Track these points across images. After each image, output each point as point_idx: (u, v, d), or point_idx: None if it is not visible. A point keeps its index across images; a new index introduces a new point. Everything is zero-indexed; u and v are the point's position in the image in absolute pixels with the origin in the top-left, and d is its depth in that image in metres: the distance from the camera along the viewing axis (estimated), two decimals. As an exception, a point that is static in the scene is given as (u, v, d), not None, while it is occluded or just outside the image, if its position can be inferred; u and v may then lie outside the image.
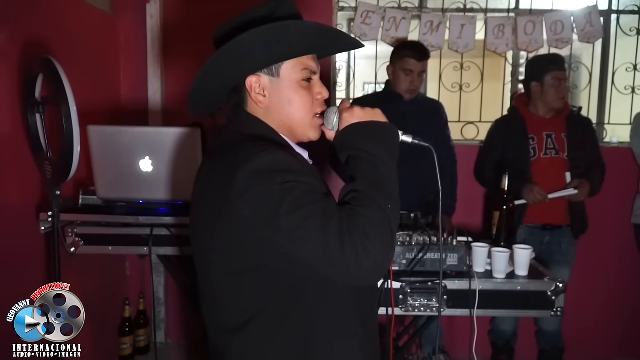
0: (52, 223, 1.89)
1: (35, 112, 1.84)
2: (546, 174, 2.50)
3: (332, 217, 0.88)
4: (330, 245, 0.86)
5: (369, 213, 0.90)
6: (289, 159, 0.96)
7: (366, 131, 1.02)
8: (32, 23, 2.10)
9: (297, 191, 0.90)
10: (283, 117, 1.06)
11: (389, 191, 0.96)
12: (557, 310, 1.78)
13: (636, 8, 3.07)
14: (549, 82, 2.48)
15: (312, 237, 0.87)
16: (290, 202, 0.88)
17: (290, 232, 0.88)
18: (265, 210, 0.89)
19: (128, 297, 2.83)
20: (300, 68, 1.05)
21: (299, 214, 0.88)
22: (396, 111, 2.58)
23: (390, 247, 0.91)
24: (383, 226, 0.90)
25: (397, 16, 2.94)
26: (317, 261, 0.89)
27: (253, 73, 1.04)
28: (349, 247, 0.86)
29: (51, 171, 1.85)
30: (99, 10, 2.72)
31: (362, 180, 0.95)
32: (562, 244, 2.57)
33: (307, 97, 1.06)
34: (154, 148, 1.98)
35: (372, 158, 0.97)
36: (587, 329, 2.99)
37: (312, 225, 0.88)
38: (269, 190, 0.90)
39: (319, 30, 1.04)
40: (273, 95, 1.05)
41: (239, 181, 0.91)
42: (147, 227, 2.06)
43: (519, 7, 3.05)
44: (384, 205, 0.92)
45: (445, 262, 1.80)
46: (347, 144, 1.02)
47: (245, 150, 0.95)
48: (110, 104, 2.85)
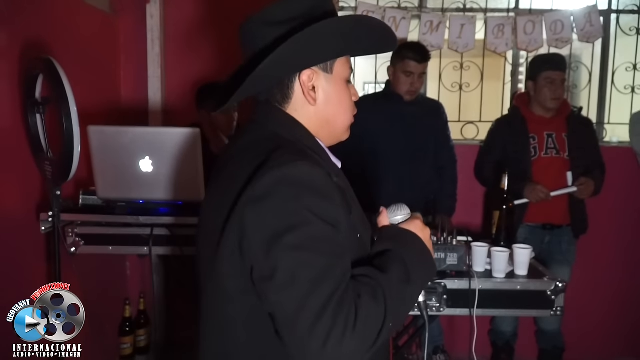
0: (53, 223, 1.90)
1: (35, 112, 1.84)
2: (547, 173, 2.50)
3: (329, 281, 0.78)
4: (306, 311, 0.75)
5: (371, 309, 0.79)
6: (326, 179, 0.86)
7: (422, 251, 0.95)
8: (32, 23, 2.10)
9: (313, 229, 0.80)
10: (329, 117, 0.99)
11: (400, 309, 0.86)
12: (557, 309, 1.79)
13: (636, 8, 3.07)
14: (542, 81, 2.49)
15: (294, 289, 0.77)
16: (300, 236, 0.79)
17: (278, 269, 0.78)
18: (270, 230, 0.80)
19: (128, 297, 2.83)
20: (348, 65, 1.01)
21: (299, 256, 0.78)
22: (396, 111, 2.61)
23: (363, 355, 0.78)
24: (374, 329, 0.79)
25: (397, 16, 2.94)
26: (282, 318, 0.79)
27: (310, 67, 0.96)
28: (324, 324, 0.74)
29: (51, 171, 1.85)
30: (99, 10, 2.72)
31: (387, 278, 0.85)
32: (562, 244, 2.57)
33: (350, 98, 1.02)
34: (154, 148, 1.98)
35: (412, 274, 0.88)
36: (587, 328, 2.99)
37: (303, 277, 0.77)
38: (288, 208, 0.81)
39: (383, 29, 1.00)
40: (323, 92, 0.98)
41: (262, 184, 0.83)
42: (147, 227, 2.06)
43: (518, 7, 3.05)
44: (389, 315, 0.81)
45: (445, 262, 1.81)
46: (401, 244, 0.93)
47: (282, 154, 0.87)
48: (110, 104, 2.85)
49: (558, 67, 2.50)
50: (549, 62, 2.53)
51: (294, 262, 0.78)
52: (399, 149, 2.53)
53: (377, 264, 0.89)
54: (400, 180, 2.52)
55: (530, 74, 2.58)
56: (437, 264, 1.79)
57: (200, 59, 2.92)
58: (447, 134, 2.70)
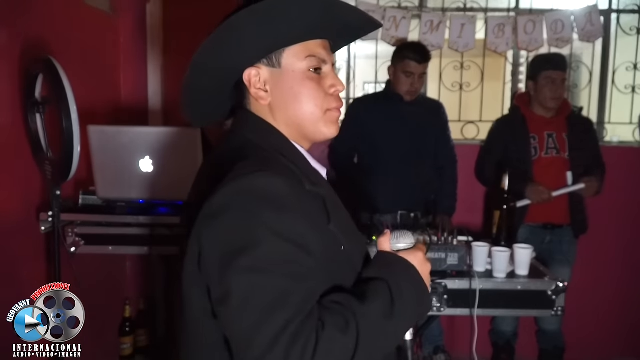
0: (52, 223, 1.89)
1: (35, 112, 1.83)
2: (547, 173, 2.49)
3: (285, 308, 0.70)
4: (257, 341, 0.69)
5: (336, 343, 0.71)
6: (290, 189, 0.79)
7: (416, 285, 0.85)
8: (32, 23, 2.09)
9: (270, 249, 0.73)
10: (289, 115, 0.90)
11: (375, 346, 0.76)
12: (558, 309, 1.79)
13: (636, 7, 3.07)
14: (542, 81, 2.48)
15: (246, 315, 0.71)
16: (255, 257, 0.72)
17: (230, 292, 0.72)
18: (225, 247, 0.75)
19: (128, 297, 2.83)
20: (305, 55, 0.88)
21: (253, 279, 0.72)
22: (396, 111, 2.60)
23: None
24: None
25: (397, 15, 2.94)
26: (235, 344, 0.74)
27: (250, 65, 0.89)
28: (277, 353, 0.68)
29: (51, 171, 1.85)
30: (99, 10, 2.72)
31: (364, 310, 0.76)
32: (562, 244, 2.57)
33: (315, 90, 0.89)
34: (154, 148, 1.98)
35: (393, 309, 0.78)
36: (587, 328, 2.98)
37: (256, 303, 0.70)
38: (243, 226, 0.75)
39: (324, 3, 0.86)
40: (275, 89, 0.89)
41: (218, 198, 0.77)
42: (147, 227, 2.06)
43: (519, 7, 3.05)
44: (360, 351, 0.72)
45: (446, 262, 1.80)
46: (392, 272, 0.84)
47: (243, 165, 0.80)
48: (110, 104, 2.85)
49: (558, 67, 2.49)
50: (549, 61, 2.52)
51: (247, 286, 0.72)
52: (399, 149, 2.53)
53: (359, 291, 0.81)
54: (400, 180, 2.52)
55: (530, 74, 2.58)
56: (437, 263, 1.80)
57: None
58: (447, 134, 2.70)
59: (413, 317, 0.85)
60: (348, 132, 2.52)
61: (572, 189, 2.43)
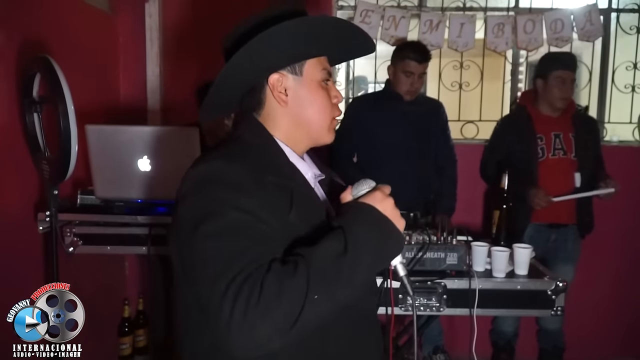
0: (50, 223, 1.89)
1: (32, 111, 1.83)
2: (554, 175, 2.46)
3: (237, 263, 0.80)
4: (214, 292, 0.78)
5: (283, 285, 0.78)
6: (243, 175, 0.89)
7: (376, 224, 0.89)
8: (31, 22, 2.09)
9: (226, 218, 0.84)
10: (302, 118, 1.02)
11: (333, 288, 0.81)
12: (557, 309, 1.78)
13: (636, 6, 3.06)
14: (552, 80, 2.45)
15: (207, 273, 0.82)
16: (212, 225, 0.84)
17: (194, 256, 0.85)
18: (189, 222, 0.87)
19: (127, 297, 2.83)
20: (321, 68, 1.03)
21: (212, 243, 0.83)
22: (396, 111, 2.60)
23: (280, 334, 0.77)
24: (286, 303, 0.77)
25: (397, 15, 2.93)
26: (201, 298, 0.84)
27: (277, 71, 1.00)
28: (227, 303, 0.76)
29: (49, 170, 1.84)
30: (98, 9, 2.71)
31: (314, 252, 0.83)
32: (567, 242, 2.55)
33: (326, 99, 1.03)
34: (152, 147, 1.97)
35: (347, 244, 0.83)
36: (588, 327, 2.98)
37: (214, 262, 0.82)
38: (201, 202, 0.87)
39: (348, 28, 1.02)
40: (294, 95, 1.01)
41: (183, 185, 0.91)
42: (145, 227, 2.06)
43: (518, 6, 3.04)
44: (311, 292, 0.78)
45: (445, 262, 1.80)
46: (350, 220, 0.88)
47: (209, 156, 0.94)
48: (109, 104, 2.84)
49: (570, 67, 2.46)
50: (561, 61, 2.49)
51: (207, 249, 0.83)
52: (399, 148, 2.52)
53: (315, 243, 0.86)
54: (399, 180, 2.50)
55: (540, 72, 2.51)
56: (436, 263, 1.79)
57: (199, 58, 2.91)
58: (447, 134, 2.69)
59: (375, 246, 0.87)
60: (347, 131, 2.51)
61: (599, 192, 2.38)
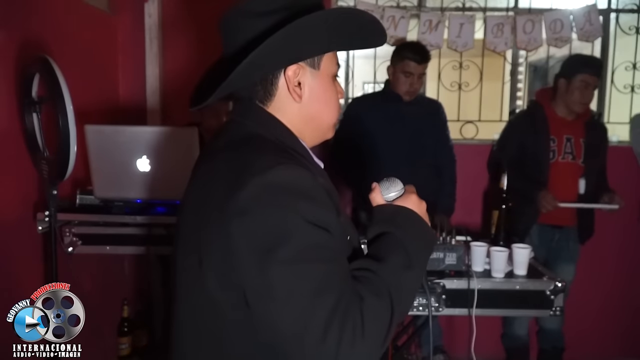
0: (49, 223, 1.89)
1: (32, 112, 1.83)
2: (561, 178, 2.45)
3: (330, 290, 0.74)
4: (312, 327, 0.72)
5: (377, 309, 0.76)
6: (313, 181, 0.82)
7: (421, 229, 0.91)
8: (30, 22, 2.09)
9: (306, 237, 0.76)
10: (314, 114, 0.94)
11: (406, 298, 0.83)
12: (556, 309, 1.78)
13: (635, 7, 3.06)
14: (576, 83, 2.40)
15: (295, 305, 0.73)
16: (293, 248, 0.74)
17: (274, 286, 0.74)
18: (261, 243, 0.76)
19: (127, 297, 2.83)
20: (335, 61, 0.96)
21: (295, 269, 0.74)
22: (395, 111, 2.60)
23: (377, 353, 0.76)
24: (382, 328, 0.76)
25: (396, 15, 2.93)
26: (287, 337, 0.74)
27: (298, 62, 0.91)
28: (332, 337, 0.71)
29: (48, 170, 1.84)
30: (97, 9, 2.71)
31: (387, 269, 0.82)
32: (569, 242, 2.56)
33: (336, 94, 0.97)
34: (151, 147, 1.97)
35: (412, 256, 0.85)
36: (587, 328, 2.98)
37: (302, 291, 0.73)
38: (276, 219, 0.76)
39: (373, 22, 0.95)
40: (309, 89, 0.93)
41: (245, 195, 0.77)
42: (144, 227, 2.06)
43: (517, 6, 3.04)
44: (396, 307, 0.78)
45: (444, 262, 1.80)
46: (396, 224, 0.89)
47: (261, 159, 0.81)
48: (108, 103, 2.84)
49: (596, 73, 2.43)
50: (588, 65, 2.44)
51: (290, 277, 0.74)
52: (398, 149, 2.52)
53: (373, 252, 0.86)
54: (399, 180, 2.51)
55: (565, 72, 2.45)
56: (435, 263, 1.79)
57: (199, 58, 2.91)
58: (446, 134, 2.69)
59: (427, 256, 0.92)
60: (347, 131, 2.51)
61: (603, 207, 2.38)
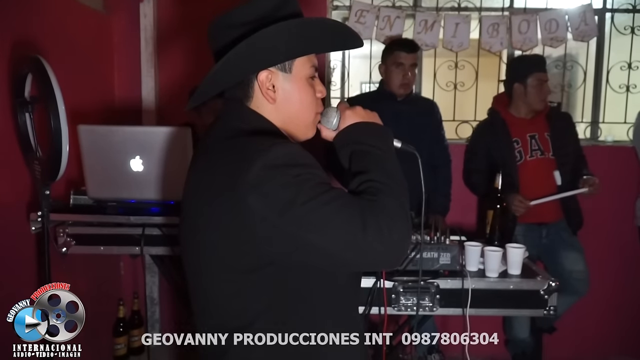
0: (42, 223, 1.88)
1: (24, 112, 1.83)
2: (535, 176, 2.49)
3: (351, 202, 0.89)
4: (353, 228, 0.85)
5: (387, 199, 0.90)
6: (301, 151, 0.95)
7: (370, 130, 1.04)
8: (24, 22, 2.09)
9: (312, 182, 0.89)
10: (290, 114, 1.05)
11: (400, 180, 0.96)
12: (550, 309, 1.78)
13: (630, 7, 3.07)
14: (532, 83, 2.47)
15: (332, 221, 0.86)
16: (307, 192, 0.87)
17: (309, 220, 0.86)
18: (282, 202, 0.87)
19: (122, 297, 2.82)
20: (310, 64, 1.05)
21: (317, 201, 0.87)
22: (390, 111, 2.58)
23: (408, 233, 0.91)
24: (401, 211, 0.90)
25: (392, 15, 2.93)
26: (338, 246, 0.87)
27: (267, 67, 1.02)
28: (372, 228, 0.85)
29: (40, 171, 1.84)
30: (92, 9, 2.71)
31: (373, 170, 0.95)
32: (561, 232, 2.56)
33: (312, 95, 1.06)
34: (144, 147, 1.97)
35: (381, 152, 0.99)
36: (585, 327, 2.98)
37: (332, 210, 0.86)
38: (284, 183, 0.88)
39: (340, 28, 1.06)
40: (282, 91, 1.03)
41: (252, 175, 0.88)
42: (138, 227, 2.05)
43: (513, 6, 3.04)
44: (398, 192, 0.93)
45: (438, 261, 1.80)
46: (351, 141, 1.02)
47: (256, 144, 0.93)
48: (103, 104, 2.84)
49: (544, 68, 2.52)
50: (537, 64, 2.52)
51: (317, 209, 0.86)
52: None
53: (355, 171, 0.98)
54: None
55: (517, 76, 2.52)
56: (430, 263, 1.79)
57: (194, 58, 2.91)
58: (441, 133, 2.69)
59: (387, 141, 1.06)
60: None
61: (574, 192, 2.41)
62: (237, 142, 0.96)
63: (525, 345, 2.64)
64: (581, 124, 3.15)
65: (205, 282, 1.01)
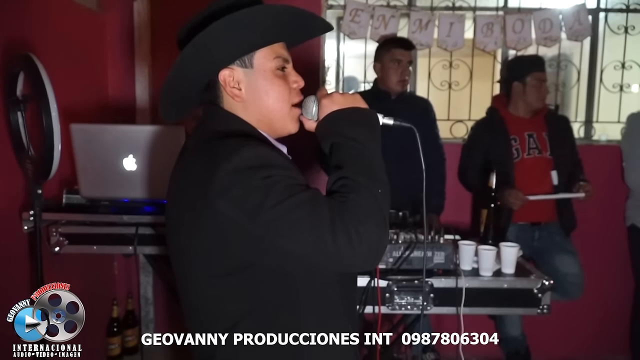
0: (34, 222, 1.87)
1: (16, 110, 1.81)
2: (531, 174, 2.50)
3: (320, 205, 0.86)
4: (321, 232, 0.83)
5: (359, 199, 0.87)
6: (270, 153, 0.93)
7: (348, 117, 0.98)
8: (16, 20, 2.07)
9: (281, 184, 0.87)
10: (262, 110, 1.02)
11: (378, 175, 0.93)
12: (543, 307, 1.78)
13: (624, 6, 3.08)
14: (530, 82, 2.49)
15: (301, 226, 0.84)
16: (275, 195, 0.85)
17: (277, 224, 0.85)
18: (250, 206, 0.85)
19: (116, 297, 2.81)
20: (273, 56, 1.01)
21: (285, 205, 0.85)
22: (384, 109, 2.56)
23: (384, 232, 0.87)
24: (375, 211, 0.87)
25: (386, 14, 2.93)
26: (307, 250, 0.85)
27: (226, 66, 1.00)
28: (340, 232, 0.83)
29: (32, 169, 1.83)
30: (86, 7, 2.69)
31: (349, 166, 0.92)
32: (553, 235, 2.57)
33: (283, 87, 1.02)
34: (137, 146, 1.96)
35: (357, 144, 0.94)
36: (576, 325, 2.99)
37: (300, 214, 0.84)
38: (252, 187, 0.86)
39: (291, 12, 1.00)
40: (248, 87, 1.00)
41: (220, 179, 0.87)
42: (132, 226, 2.04)
43: (507, 6, 3.05)
44: (374, 190, 0.89)
45: (432, 260, 1.80)
46: (330, 132, 0.98)
47: (224, 147, 0.91)
48: (97, 102, 2.82)
49: (543, 68, 2.54)
50: (536, 63, 2.54)
51: (286, 212, 0.84)
52: (386, 147, 2.51)
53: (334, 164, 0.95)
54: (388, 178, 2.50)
55: (516, 75, 2.54)
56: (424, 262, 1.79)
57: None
58: (435, 132, 2.69)
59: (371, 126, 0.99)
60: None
61: (570, 196, 2.42)
62: (208, 145, 0.95)
63: (517, 344, 2.64)
64: (575, 123, 3.16)
65: (189, 286, 1.01)
